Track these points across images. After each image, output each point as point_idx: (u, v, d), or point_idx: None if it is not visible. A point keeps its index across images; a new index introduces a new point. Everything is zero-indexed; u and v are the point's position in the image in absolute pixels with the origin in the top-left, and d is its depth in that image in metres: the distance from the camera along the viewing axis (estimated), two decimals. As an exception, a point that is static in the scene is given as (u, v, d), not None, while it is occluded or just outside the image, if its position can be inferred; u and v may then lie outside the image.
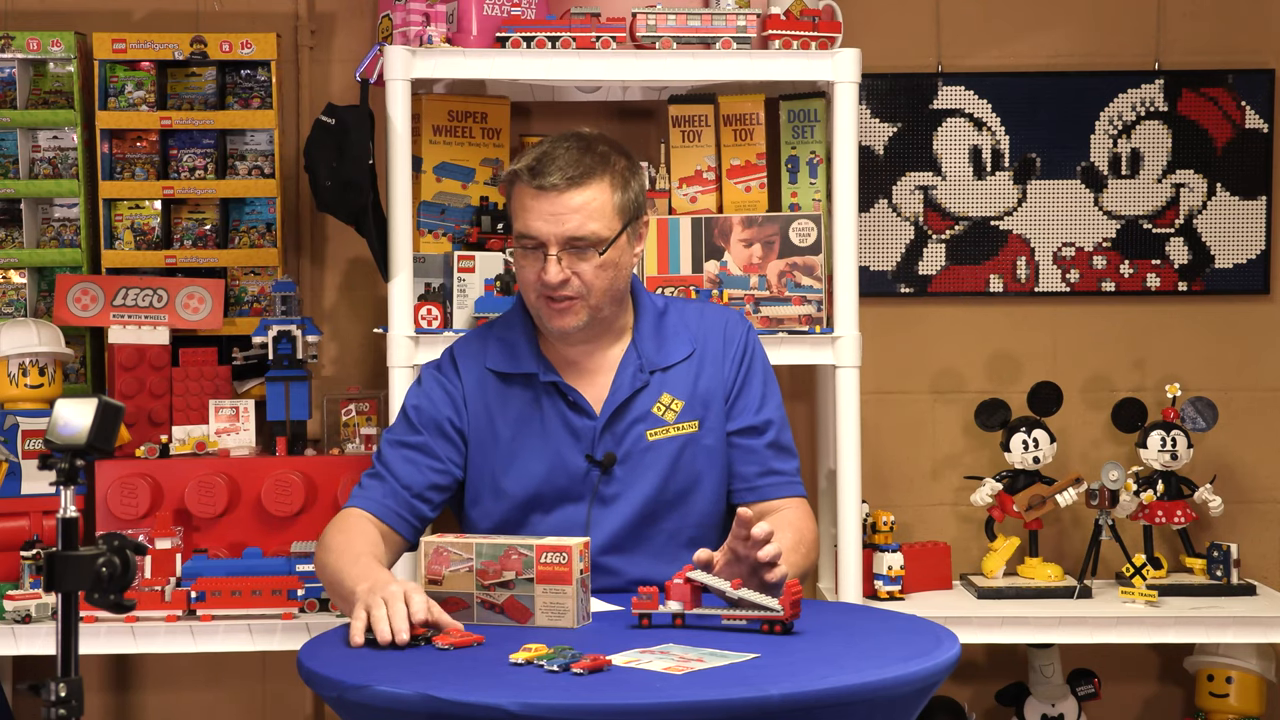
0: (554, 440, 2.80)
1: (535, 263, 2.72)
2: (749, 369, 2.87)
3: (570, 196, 2.69)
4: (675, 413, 2.81)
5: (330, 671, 2.23)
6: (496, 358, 2.84)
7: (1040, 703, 3.84)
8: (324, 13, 3.92)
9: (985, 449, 3.94)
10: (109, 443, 2.13)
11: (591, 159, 2.72)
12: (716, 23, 3.41)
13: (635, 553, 2.79)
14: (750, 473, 2.85)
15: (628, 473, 2.79)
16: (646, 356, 2.83)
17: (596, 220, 2.70)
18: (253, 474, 3.47)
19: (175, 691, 3.95)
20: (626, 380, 2.81)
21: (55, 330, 3.55)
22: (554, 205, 2.69)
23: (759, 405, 2.87)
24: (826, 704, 2.07)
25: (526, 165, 2.72)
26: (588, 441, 2.79)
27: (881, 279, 3.98)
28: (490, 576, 2.50)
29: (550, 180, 2.68)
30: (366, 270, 3.87)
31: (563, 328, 2.75)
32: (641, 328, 2.85)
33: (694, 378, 2.84)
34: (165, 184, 3.74)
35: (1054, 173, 3.98)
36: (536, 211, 2.70)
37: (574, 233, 2.69)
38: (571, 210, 2.69)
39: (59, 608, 2.09)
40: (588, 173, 2.70)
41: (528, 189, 2.71)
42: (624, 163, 2.78)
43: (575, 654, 2.21)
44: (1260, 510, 4.04)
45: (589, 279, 2.72)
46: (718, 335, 2.88)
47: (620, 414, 2.80)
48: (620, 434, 2.80)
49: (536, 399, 2.81)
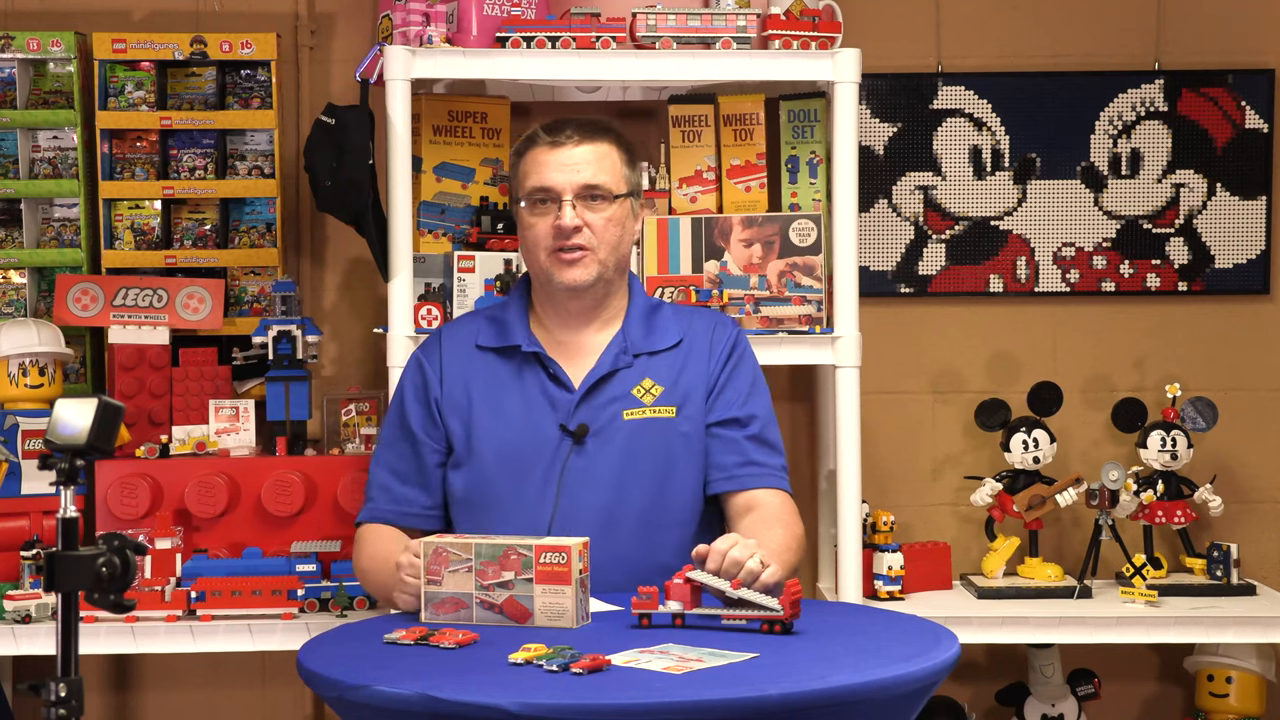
0: (530, 407, 2.85)
1: (547, 216, 2.84)
2: (735, 367, 2.91)
3: (584, 149, 2.85)
4: (654, 396, 2.86)
5: (330, 671, 2.23)
6: (485, 334, 2.93)
7: (1040, 703, 3.84)
8: (324, 13, 3.92)
9: (985, 449, 3.94)
10: (109, 443, 2.13)
11: (601, 126, 2.90)
12: (716, 23, 3.41)
13: (612, 534, 2.78)
14: (729, 462, 2.86)
15: (600, 447, 2.82)
16: (633, 340, 2.89)
17: (607, 174, 2.85)
18: (253, 474, 3.47)
19: (175, 691, 3.95)
20: (609, 359, 2.87)
21: (55, 330, 3.55)
22: (569, 157, 2.84)
23: (743, 400, 2.89)
24: (826, 704, 2.07)
25: (540, 127, 2.88)
26: (563, 412, 2.83)
27: (881, 279, 3.98)
28: (489, 577, 2.50)
29: (565, 134, 2.85)
30: (366, 270, 3.87)
31: (574, 280, 2.83)
32: (631, 315, 2.92)
33: (678, 369, 2.88)
34: (165, 184, 3.74)
35: (1054, 173, 3.98)
36: (552, 164, 2.84)
37: (589, 180, 2.83)
38: (585, 161, 2.84)
39: (59, 608, 2.09)
40: (600, 131, 2.89)
41: (542, 148, 2.86)
42: (630, 146, 2.94)
43: (575, 654, 2.21)
44: (1260, 510, 4.04)
45: (599, 230, 2.83)
46: (706, 334, 2.93)
47: (598, 389, 2.85)
48: (597, 409, 2.84)
49: (518, 369, 2.88)
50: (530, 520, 2.75)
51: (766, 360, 3.28)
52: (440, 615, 2.52)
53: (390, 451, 2.92)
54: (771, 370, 3.03)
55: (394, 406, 2.96)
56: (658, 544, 2.77)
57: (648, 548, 2.77)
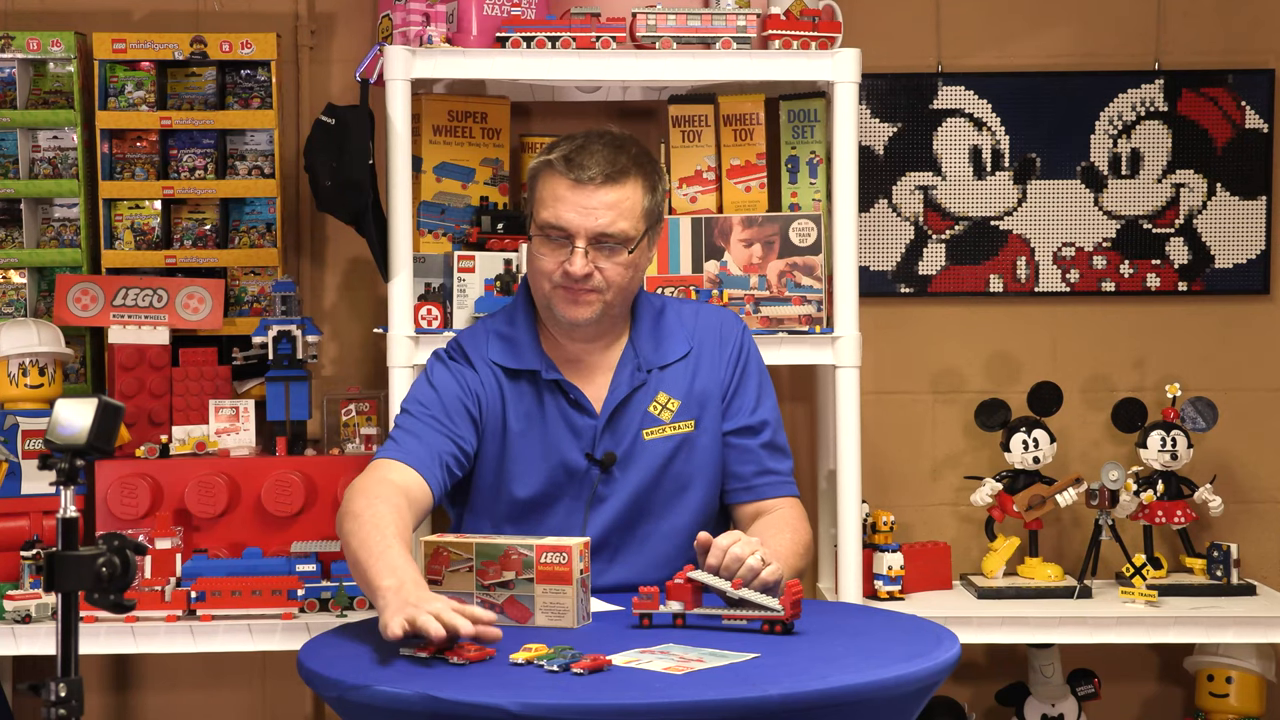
0: (555, 438, 2.81)
1: (558, 253, 2.73)
2: (745, 369, 2.89)
3: (605, 193, 2.71)
4: (671, 412, 2.82)
5: (330, 671, 2.23)
6: (499, 353, 2.85)
7: (1040, 703, 3.84)
8: (324, 13, 3.92)
9: (985, 449, 3.94)
10: (109, 443, 2.13)
11: (626, 159, 2.74)
12: (716, 23, 3.41)
13: (627, 552, 2.78)
14: (746, 472, 2.86)
15: (624, 470, 2.81)
16: (644, 355, 2.84)
17: (626, 219, 2.73)
18: (253, 474, 3.47)
19: (175, 691, 3.95)
20: (625, 378, 2.82)
21: (55, 330, 3.55)
22: (588, 199, 2.71)
23: (754, 405, 2.88)
24: (826, 704, 2.07)
25: (562, 155, 2.73)
26: (588, 440, 2.80)
27: (881, 279, 3.98)
28: (490, 576, 2.50)
29: (588, 174, 2.71)
30: (366, 270, 3.87)
31: (575, 318, 2.76)
32: (639, 326, 2.87)
33: (690, 377, 2.85)
34: (165, 184, 3.74)
35: (1054, 173, 3.98)
36: (570, 203, 2.71)
37: (605, 229, 2.71)
38: (605, 206, 2.71)
39: (59, 608, 2.09)
40: (623, 172, 2.73)
41: (562, 179, 2.72)
42: (652, 167, 2.81)
43: (575, 654, 2.21)
44: (1260, 510, 4.04)
45: (611, 276, 2.74)
46: (714, 335, 2.90)
47: (620, 412, 2.81)
48: (620, 433, 2.81)
49: (539, 396, 2.82)
50: None
51: (767, 360, 3.27)
52: None
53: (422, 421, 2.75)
54: (771, 370, 3.03)
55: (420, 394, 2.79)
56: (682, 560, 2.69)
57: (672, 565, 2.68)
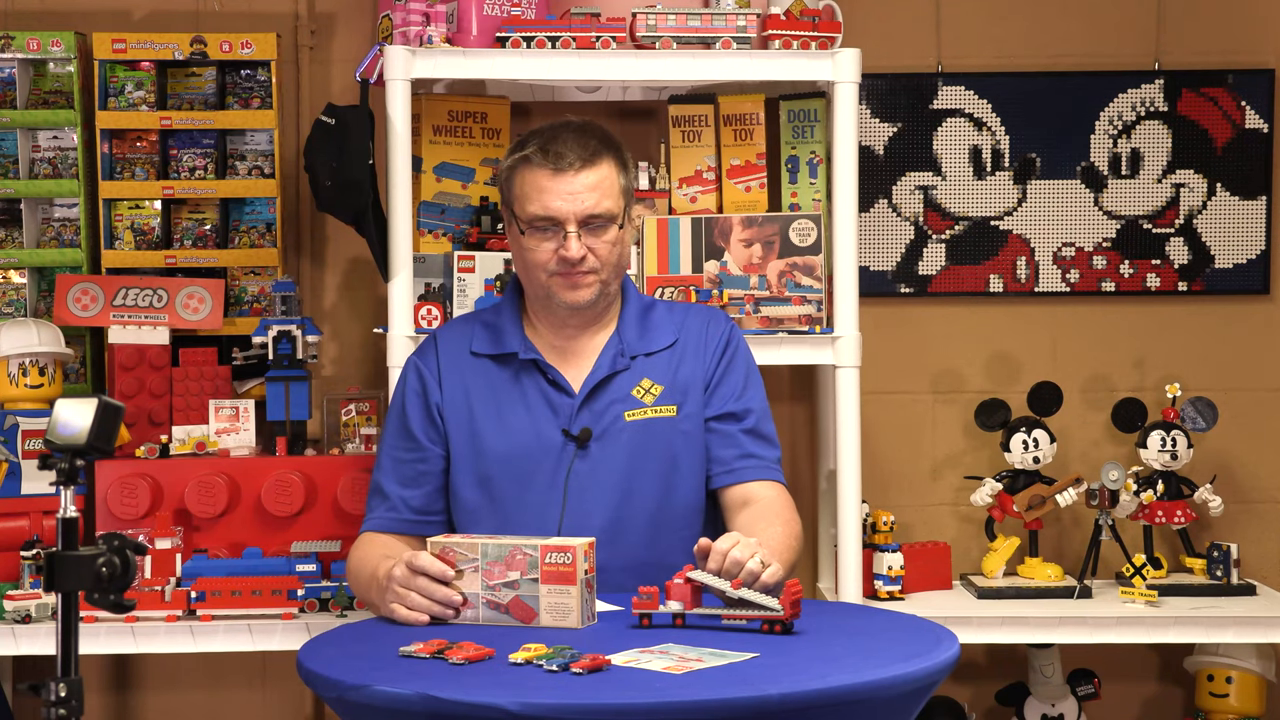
0: (532, 413, 2.84)
1: (549, 242, 2.80)
2: (730, 362, 2.91)
3: (585, 175, 2.79)
4: (654, 396, 2.86)
5: (330, 671, 2.23)
6: (480, 341, 2.91)
7: (1040, 703, 3.84)
8: (324, 13, 3.92)
9: (985, 449, 3.94)
10: (109, 443, 2.13)
11: (596, 141, 2.83)
12: (716, 23, 3.41)
13: (620, 538, 2.78)
14: (728, 455, 2.87)
15: (604, 450, 2.82)
16: (629, 342, 2.89)
17: (609, 197, 2.81)
18: (253, 474, 3.47)
19: (175, 691, 3.95)
20: (607, 362, 2.87)
21: (55, 330, 3.55)
22: (571, 184, 2.78)
23: (739, 394, 2.90)
24: (826, 704, 2.07)
25: (538, 148, 2.81)
26: (565, 417, 2.83)
27: (881, 279, 3.98)
28: (495, 576, 2.50)
29: (567, 160, 2.78)
30: (366, 270, 3.87)
31: (576, 301, 2.82)
32: (626, 317, 2.92)
33: (675, 367, 2.89)
34: (165, 184, 3.74)
35: (1054, 173, 3.98)
36: (554, 191, 2.78)
37: (593, 210, 2.79)
38: (588, 189, 2.79)
39: (59, 608, 2.09)
40: (596, 154, 2.81)
41: (542, 170, 2.79)
42: (620, 146, 2.89)
43: (574, 654, 2.21)
44: (1260, 510, 4.04)
45: (603, 254, 2.81)
46: (700, 330, 2.93)
47: (598, 393, 2.84)
48: (598, 412, 2.83)
49: (516, 376, 2.87)
50: (537, 527, 2.74)
51: (766, 360, 3.28)
52: None
53: (390, 458, 2.89)
54: (771, 370, 3.03)
55: (393, 413, 2.94)
56: (666, 546, 2.77)
57: (656, 550, 2.76)
